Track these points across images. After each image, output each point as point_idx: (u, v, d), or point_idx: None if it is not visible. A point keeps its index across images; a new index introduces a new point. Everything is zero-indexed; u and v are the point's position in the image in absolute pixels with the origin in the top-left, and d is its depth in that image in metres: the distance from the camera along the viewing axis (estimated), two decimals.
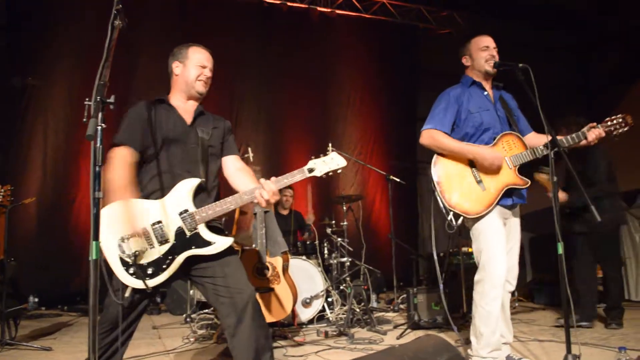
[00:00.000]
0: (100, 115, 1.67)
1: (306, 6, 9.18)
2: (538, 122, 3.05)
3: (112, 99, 1.73)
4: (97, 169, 1.66)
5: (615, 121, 3.15)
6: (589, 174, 4.79)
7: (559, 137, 3.04)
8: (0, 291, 4.28)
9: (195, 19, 8.42)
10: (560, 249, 2.76)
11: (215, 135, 2.75)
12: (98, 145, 1.66)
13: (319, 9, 9.28)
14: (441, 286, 4.18)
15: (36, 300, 6.80)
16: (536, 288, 6.94)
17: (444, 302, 4.27)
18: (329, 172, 2.56)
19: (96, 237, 1.68)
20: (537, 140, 3.32)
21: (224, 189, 2.76)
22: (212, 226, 2.56)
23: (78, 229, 7.59)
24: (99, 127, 1.65)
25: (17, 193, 5.32)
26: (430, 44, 10.18)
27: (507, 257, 3.22)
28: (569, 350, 2.65)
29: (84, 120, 1.71)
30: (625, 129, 3.15)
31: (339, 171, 2.61)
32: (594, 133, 3.12)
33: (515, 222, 3.35)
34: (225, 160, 2.80)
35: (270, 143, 8.60)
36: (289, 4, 9.02)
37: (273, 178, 2.53)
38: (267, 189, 2.45)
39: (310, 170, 2.54)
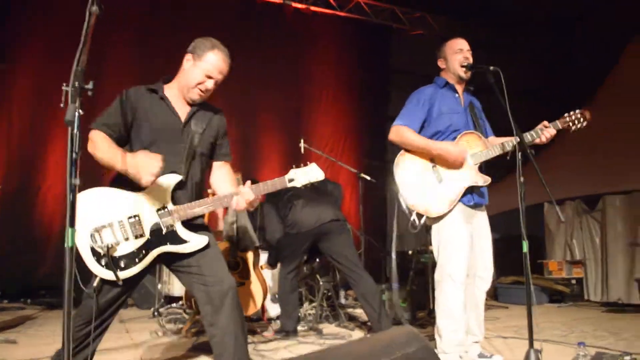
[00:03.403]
0: (78, 101, 1.65)
1: (281, 1, 9.16)
2: (507, 124, 3.12)
3: (90, 85, 1.71)
4: (75, 155, 1.64)
5: (573, 117, 3.24)
6: None
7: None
8: None
9: (166, 10, 8.31)
10: (525, 247, 2.84)
11: (208, 134, 2.68)
12: (75, 131, 1.64)
13: (294, 4, 9.27)
14: (396, 284, 4.26)
15: None
16: (500, 287, 7.13)
17: (395, 299, 4.35)
18: (307, 184, 2.61)
19: (72, 224, 1.66)
20: (497, 142, 3.39)
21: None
22: (192, 223, 2.54)
23: (43, 219, 7.40)
24: (77, 113, 1.63)
25: None
26: (403, 44, 10.29)
27: (479, 257, 3.30)
28: (531, 345, 2.74)
29: (61, 105, 1.68)
30: (584, 124, 3.24)
31: (315, 184, 2.66)
32: (547, 132, 3.21)
33: (482, 222, 3.42)
34: (215, 165, 2.78)
35: (241, 138, 8.54)
36: None
37: (249, 184, 2.55)
38: (246, 198, 2.49)
39: (290, 180, 2.58)
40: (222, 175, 2.77)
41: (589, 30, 9.96)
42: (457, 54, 3.43)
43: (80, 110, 1.66)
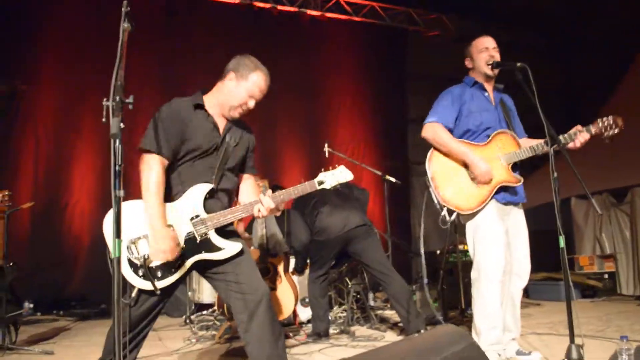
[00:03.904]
0: (120, 115, 1.69)
1: (296, 9, 9.20)
2: (536, 122, 3.10)
3: (130, 99, 1.75)
4: (118, 168, 1.68)
5: (606, 122, 3.15)
6: None
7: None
8: (0, 296, 4.26)
9: (183, 20, 8.41)
10: (562, 243, 2.81)
11: (240, 148, 2.72)
12: (118, 144, 1.68)
13: (308, 12, 9.32)
14: (426, 280, 4.23)
15: (31, 305, 6.75)
16: (531, 284, 7.05)
17: (428, 298, 4.32)
18: (336, 185, 2.62)
19: (118, 235, 1.70)
20: (530, 143, 3.36)
21: None
22: (225, 231, 2.57)
23: (71, 234, 7.56)
24: (120, 126, 1.67)
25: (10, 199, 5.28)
26: (419, 46, 10.28)
27: (515, 254, 3.28)
28: (572, 340, 2.71)
29: (103, 120, 1.73)
30: (616, 131, 3.16)
31: (344, 189, 2.68)
32: (582, 137, 3.15)
33: (518, 219, 3.39)
34: (242, 178, 2.82)
35: (261, 146, 8.54)
36: (279, 7, 9.04)
37: (269, 192, 2.59)
38: (265, 206, 2.53)
39: (320, 183, 2.60)
40: (247, 187, 2.82)
41: (610, 25, 9.83)
42: (483, 53, 3.42)
43: (122, 124, 1.70)
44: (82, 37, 7.76)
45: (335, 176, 2.61)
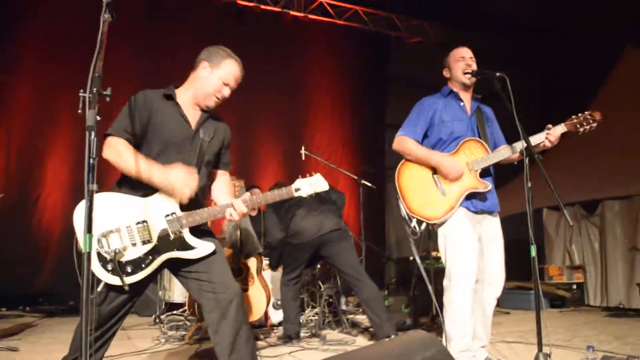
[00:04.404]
0: (97, 107, 1.66)
1: (279, 9, 9.18)
2: (514, 130, 3.14)
3: (108, 91, 1.71)
4: (92, 161, 1.65)
5: (582, 118, 3.20)
6: None
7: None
8: None
9: (165, 16, 8.34)
10: (534, 252, 2.84)
11: (214, 143, 2.70)
12: (93, 137, 1.65)
13: (292, 13, 9.30)
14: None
15: None
16: (501, 292, 7.14)
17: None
18: (312, 194, 2.63)
19: (89, 230, 1.66)
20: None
21: None
22: (199, 229, 2.54)
23: (41, 228, 7.38)
24: (96, 119, 1.63)
25: None
26: (401, 52, 10.36)
27: (489, 262, 3.31)
28: (540, 349, 2.74)
29: (79, 112, 1.69)
30: (594, 125, 3.19)
31: (322, 194, 2.70)
32: (551, 135, 3.17)
33: (492, 227, 3.40)
34: (217, 173, 2.80)
35: (240, 145, 8.54)
36: (262, 6, 9.01)
37: (247, 195, 2.57)
38: (238, 210, 2.52)
39: (297, 190, 2.61)
40: (221, 184, 2.80)
41: (586, 36, 10.03)
42: (459, 62, 3.47)
43: (98, 116, 1.66)
44: (62, 29, 7.61)
45: (312, 185, 2.63)
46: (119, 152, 2.38)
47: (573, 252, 7.49)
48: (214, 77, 2.63)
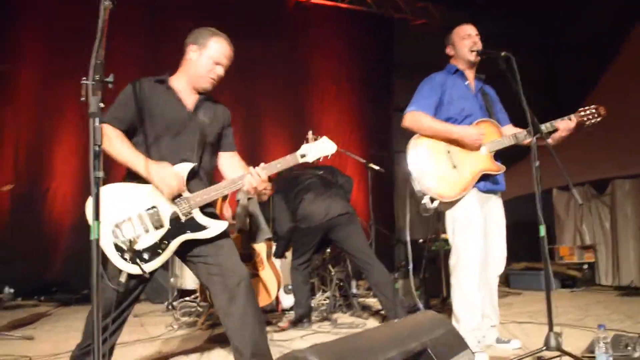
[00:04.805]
0: (99, 94, 1.66)
1: None
2: (518, 111, 3.12)
3: (110, 78, 1.71)
4: (97, 148, 1.65)
5: (588, 111, 3.23)
6: None
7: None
8: None
9: (165, 4, 8.27)
10: (543, 231, 2.83)
11: (215, 124, 2.69)
12: (97, 124, 1.65)
13: None
14: (411, 265, 4.27)
15: (11, 291, 6.66)
16: (512, 273, 7.14)
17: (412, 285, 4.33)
18: (319, 158, 2.60)
19: (97, 217, 1.67)
20: (513, 131, 3.38)
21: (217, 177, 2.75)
22: (206, 211, 2.55)
23: (52, 218, 7.45)
24: (99, 105, 1.63)
25: None
26: (405, 34, 10.26)
27: (492, 241, 3.31)
28: (551, 329, 2.74)
29: (82, 99, 1.70)
30: (598, 119, 3.24)
31: (329, 156, 2.65)
32: (564, 124, 3.19)
33: (496, 207, 3.42)
34: (221, 155, 2.78)
35: (246, 132, 8.53)
36: None
37: (262, 164, 2.56)
38: (256, 177, 2.49)
39: (303, 156, 2.58)
40: (233, 164, 2.77)
41: (593, 14, 9.90)
42: (465, 39, 3.44)
43: (102, 103, 1.66)
44: (66, 16, 7.59)
45: (318, 148, 2.60)
46: (110, 142, 2.40)
47: (584, 232, 7.45)
48: (204, 57, 2.61)
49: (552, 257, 7.42)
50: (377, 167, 5.62)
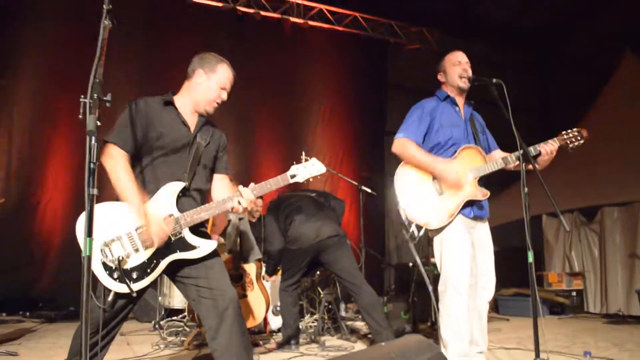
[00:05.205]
0: (97, 112, 1.68)
1: (279, 16, 9.23)
2: (508, 137, 3.16)
3: (108, 97, 1.74)
4: (92, 165, 1.67)
5: (571, 134, 3.27)
6: None
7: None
8: None
9: (165, 23, 8.37)
10: (531, 257, 2.86)
11: (211, 146, 2.74)
12: (93, 142, 1.67)
13: (291, 19, 9.34)
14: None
15: None
16: (501, 299, 7.15)
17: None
18: (309, 178, 2.63)
19: (89, 234, 1.68)
20: (503, 155, 3.42)
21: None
22: (197, 230, 2.56)
23: (42, 233, 7.39)
24: (97, 124, 1.65)
25: None
26: (400, 58, 10.41)
27: (480, 267, 3.32)
28: (537, 355, 2.75)
29: (80, 117, 1.72)
30: (581, 142, 3.27)
31: (318, 176, 2.68)
32: (548, 147, 3.23)
33: (483, 233, 3.42)
34: (215, 177, 2.81)
35: (240, 151, 8.59)
36: (262, 13, 9.05)
37: (252, 184, 2.58)
38: (245, 197, 2.51)
39: (293, 176, 2.60)
40: (222, 187, 2.81)
41: (584, 42, 10.09)
42: (456, 66, 3.48)
43: (99, 122, 1.69)
44: (62, 34, 7.66)
45: (308, 169, 2.63)
46: (114, 166, 2.43)
47: (572, 259, 7.50)
48: (212, 82, 2.69)
49: (540, 284, 7.45)
50: (369, 190, 5.65)
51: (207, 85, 2.69)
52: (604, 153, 7.51)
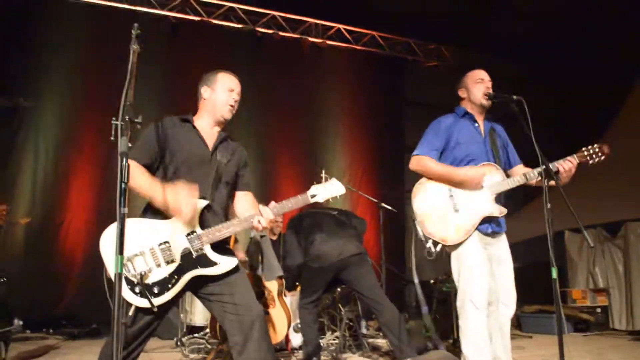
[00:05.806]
0: (128, 134, 1.74)
1: (298, 36, 9.34)
2: (530, 152, 3.15)
3: (139, 119, 1.80)
4: (123, 185, 1.72)
5: (591, 150, 3.24)
6: None
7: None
8: None
9: (186, 44, 8.51)
10: (555, 274, 2.83)
11: (233, 163, 2.80)
12: (125, 163, 1.72)
13: (310, 39, 9.45)
14: (425, 309, 4.21)
15: (21, 323, 6.65)
16: (524, 316, 7.06)
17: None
18: (329, 199, 2.66)
19: (121, 252, 1.73)
20: (524, 171, 3.41)
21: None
22: (219, 247, 2.60)
23: (65, 251, 7.52)
24: (128, 145, 1.71)
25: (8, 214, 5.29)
26: (418, 76, 10.45)
27: (500, 283, 3.30)
28: None
29: (111, 139, 1.77)
30: (602, 158, 3.24)
31: (338, 197, 2.71)
32: (567, 164, 3.21)
33: (502, 249, 3.39)
34: (237, 195, 2.86)
35: (259, 170, 8.65)
36: (281, 33, 9.18)
37: (273, 203, 2.62)
38: (265, 217, 2.57)
39: (313, 196, 2.64)
40: (246, 203, 2.85)
41: (604, 56, 10.01)
42: (479, 84, 3.49)
43: (130, 143, 1.74)
44: (86, 55, 7.85)
45: (328, 189, 2.66)
46: (131, 174, 2.46)
47: (597, 275, 7.38)
48: (218, 90, 2.78)
49: (564, 301, 7.33)
50: (389, 207, 5.65)
51: (215, 95, 2.78)
52: (627, 167, 7.41)
